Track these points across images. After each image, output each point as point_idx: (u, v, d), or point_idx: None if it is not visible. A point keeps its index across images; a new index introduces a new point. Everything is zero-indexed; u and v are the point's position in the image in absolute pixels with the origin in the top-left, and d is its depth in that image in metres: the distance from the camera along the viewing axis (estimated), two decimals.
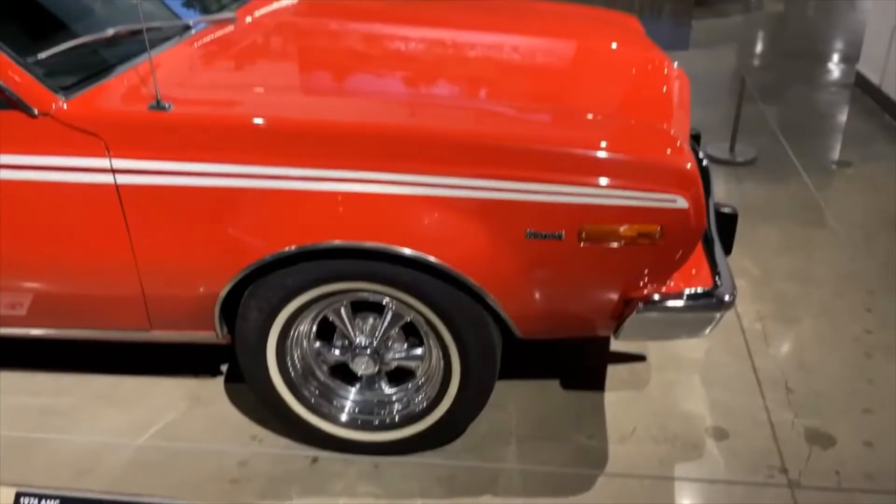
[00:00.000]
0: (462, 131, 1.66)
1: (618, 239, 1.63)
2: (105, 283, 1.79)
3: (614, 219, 1.62)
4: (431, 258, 1.63)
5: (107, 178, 1.66)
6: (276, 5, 2.43)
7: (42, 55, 1.72)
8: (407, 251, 1.63)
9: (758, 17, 6.69)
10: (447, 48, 2.26)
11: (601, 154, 1.61)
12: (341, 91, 1.93)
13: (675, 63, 2.33)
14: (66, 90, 1.69)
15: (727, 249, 2.05)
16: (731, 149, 3.61)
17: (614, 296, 1.72)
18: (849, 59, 5.33)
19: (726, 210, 2.09)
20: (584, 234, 1.63)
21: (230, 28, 2.17)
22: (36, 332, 1.97)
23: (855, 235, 2.96)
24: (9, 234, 1.75)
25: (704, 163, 2.22)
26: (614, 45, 2.35)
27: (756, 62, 5.39)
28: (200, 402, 2.17)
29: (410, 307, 1.76)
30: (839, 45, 5.89)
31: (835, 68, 5.21)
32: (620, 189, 1.60)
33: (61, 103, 1.67)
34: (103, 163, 1.66)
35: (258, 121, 1.64)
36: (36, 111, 1.65)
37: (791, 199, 3.29)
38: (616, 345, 2.37)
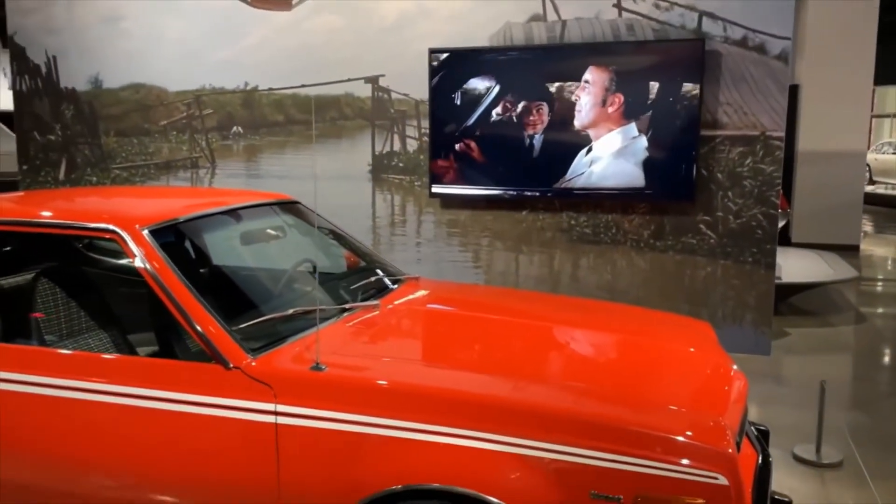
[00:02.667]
0: (548, 405, 2.12)
1: None
2: (252, 501, 2.24)
3: (665, 489, 1.96)
4: None
5: (270, 419, 2.21)
6: (410, 297, 3.10)
7: (242, 325, 2.40)
8: (494, 500, 2.01)
9: (867, 328, 6.96)
10: (547, 338, 2.79)
11: (659, 434, 2.01)
12: (454, 364, 2.46)
13: (735, 366, 2.73)
14: (255, 351, 2.33)
15: None
16: (817, 451, 3.78)
17: None
18: None
19: (781, 498, 2.34)
20: (639, 500, 1.96)
21: (375, 312, 2.83)
22: None
23: None
24: (185, 455, 2.28)
25: (770, 461, 2.50)
26: (691, 349, 2.80)
27: (857, 371, 5.58)
28: None
29: None
30: None
31: None
32: (672, 464, 1.97)
33: (249, 360, 2.29)
34: (270, 407, 2.21)
35: (384, 383, 2.18)
36: (231, 365, 2.28)
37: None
38: None
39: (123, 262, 2.64)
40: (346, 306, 2.78)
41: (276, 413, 2.20)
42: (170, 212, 2.70)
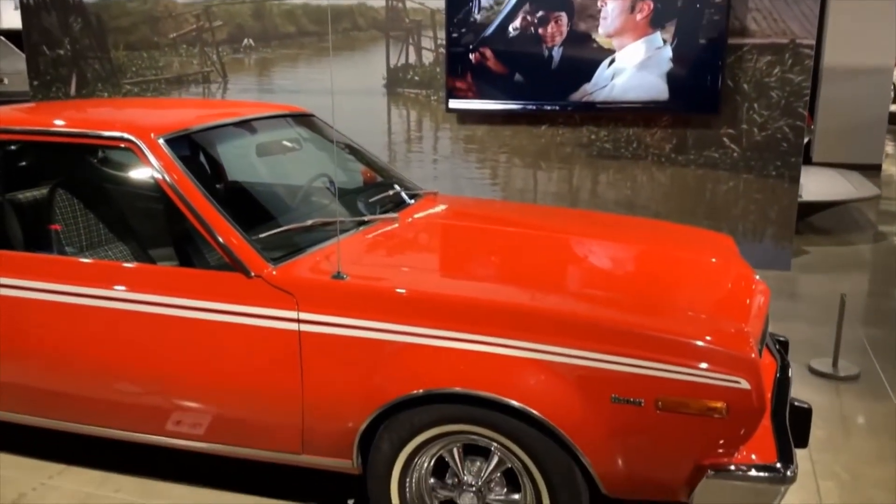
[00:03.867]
0: (566, 311, 2.11)
1: (688, 410, 1.96)
2: (276, 409, 2.28)
3: (687, 393, 1.97)
4: (534, 411, 2.02)
5: (293, 326, 2.22)
6: (428, 211, 3.08)
7: (262, 235, 2.38)
8: (514, 403, 2.03)
9: (887, 246, 6.90)
10: (566, 249, 2.77)
11: (681, 339, 2.00)
12: (473, 274, 2.46)
13: (757, 276, 2.71)
14: (275, 260, 2.32)
15: (802, 442, 2.30)
16: (834, 364, 3.79)
17: (686, 462, 2.01)
18: None
19: (801, 405, 2.35)
20: (660, 404, 1.98)
21: (394, 225, 2.81)
22: (202, 445, 2.44)
23: None
24: (208, 363, 2.31)
25: (789, 370, 2.51)
26: (713, 260, 2.78)
27: (876, 287, 5.56)
28: None
29: (512, 453, 2.13)
30: None
31: None
32: (693, 368, 1.97)
33: (270, 269, 2.29)
34: (293, 314, 2.22)
35: (404, 291, 2.18)
36: (252, 273, 2.28)
37: (890, 416, 3.39)
38: None
39: (139, 172, 2.62)
40: (365, 219, 2.76)
41: (298, 321, 2.22)
42: (185, 121, 2.66)
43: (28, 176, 3.06)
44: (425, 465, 2.25)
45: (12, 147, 2.65)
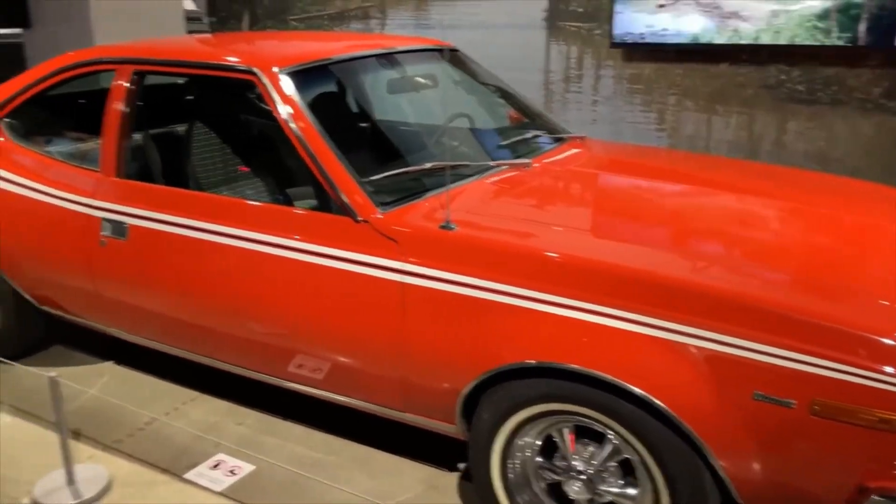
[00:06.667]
0: (707, 285, 1.76)
1: (855, 420, 1.57)
2: (375, 361, 2.14)
3: (855, 399, 1.57)
4: (657, 401, 1.71)
5: (396, 277, 2.05)
6: (568, 156, 2.76)
7: (373, 177, 2.22)
8: (636, 390, 1.73)
9: None
10: (725, 209, 2.34)
11: (860, 332, 1.59)
12: (606, 234, 2.14)
13: None
14: (385, 205, 2.15)
15: None
16: None
17: (846, 479, 1.62)
18: None
19: None
20: (816, 408, 1.59)
21: (523, 171, 2.53)
22: (311, 390, 2.38)
23: None
24: (310, 307, 2.20)
25: None
26: None
27: None
28: (436, 490, 2.40)
29: (630, 445, 1.84)
30: None
31: None
32: (872, 371, 1.56)
33: (378, 214, 2.12)
34: (396, 264, 2.05)
35: (525, 249, 1.92)
36: (359, 218, 2.13)
37: None
38: None
39: (261, 106, 2.55)
40: (491, 163, 2.50)
41: (402, 271, 2.04)
42: (311, 53, 2.53)
43: (162, 108, 3.12)
44: (532, 441, 2.03)
45: (146, 78, 2.66)
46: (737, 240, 2.08)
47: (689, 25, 4.11)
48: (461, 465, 2.49)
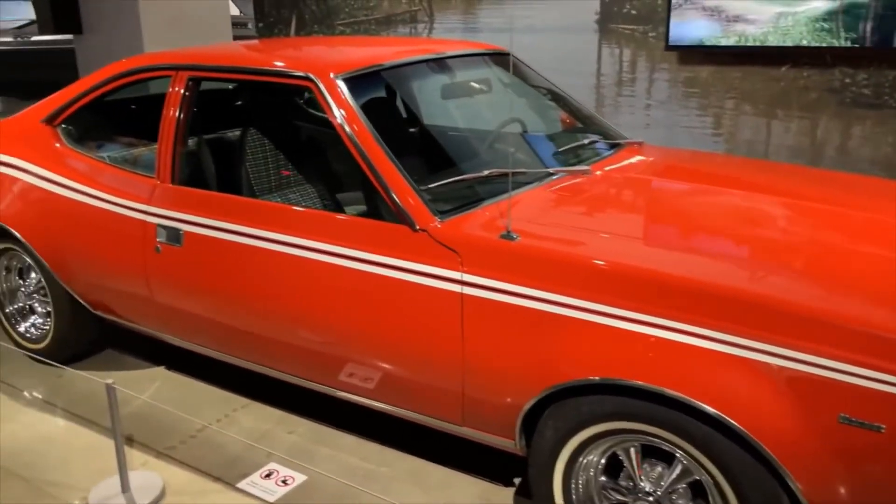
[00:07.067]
0: (789, 301, 1.66)
1: None
2: (434, 374, 2.09)
3: None
4: (733, 422, 1.63)
5: (455, 288, 1.99)
6: (628, 163, 2.67)
7: (432, 185, 2.17)
8: (709, 409, 1.65)
9: None
10: (798, 219, 2.24)
11: None
12: (675, 245, 2.05)
13: None
14: (443, 213, 2.10)
15: None
16: None
17: None
18: None
19: None
20: None
21: (583, 178, 2.46)
22: (364, 400, 2.33)
23: None
24: (364, 316, 2.16)
25: None
26: None
27: None
28: None
29: (702, 466, 1.75)
30: None
31: None
32: None
33: (436, 223, 2.07)
34: (456, 275, 1.99)
35: (590, 261, 1.85)
36: (417, 227, 2.08)
37: None
38: None
39: (318, 112, 2.52)
40: (551, 170, 2.43)
41: (461, 282, 1.98)
42: (368, 59, 2.50)
43: (217, 114, 3.12)
44: (596, 460, 1.95)
45: (202, 84, 2.66)
46: (816, 253, 1.97)
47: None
48: (517, 481, 2.43)
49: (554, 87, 3.06)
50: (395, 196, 2.12)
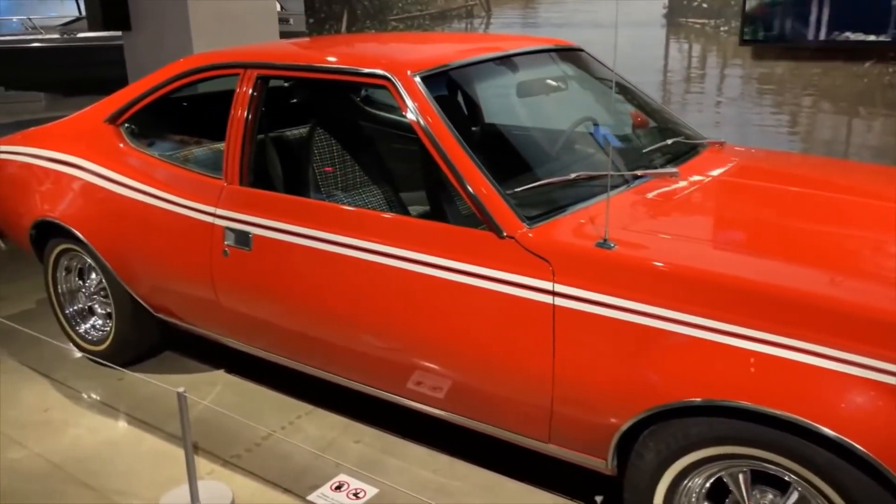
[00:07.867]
0: None
1: None
2: (520, 388, 1.98)
3: None
4: (856, 445, 1.49)
5: (547, 299, 1.88)
6: (716, 165, 2.52)
7: (518, 189, 2.05)
8: (827, 431, 1.52)
9: None
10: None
11: None
12: (775, 253, 1.90)
13: None
14: (531, 220, 1.98)
15: None
16: None
17: None
18: None
19: None
20: None
21: (673, 183, 2.32)
22: (438, 412, 2.23)
23: None
24: (443, 325, 2.06)
25: None
26: None
27: None
28: None
29: (820, 493, 1.62)
30: None
31: None
32: None
33: (525, 230, 1.96)
34: (547, 285, 1.88)
35: (691, 272, 1.72)
36: (504, 233, 1.97)
37: None
38: None
39: (395, 111, 2.42)
40: (639, 173, 2.30)
41: (553, 293, 1.87)
42: (444, 57, 2.39)
43: (288, 112, 3.04)
44: (700, 483, 1.82)
45: (273, 83, 2.57)
46: None
47: None
48: (599, 499, 2.31)
49: (628, 83, 2.92)
50: (479, 201, 2.01)
